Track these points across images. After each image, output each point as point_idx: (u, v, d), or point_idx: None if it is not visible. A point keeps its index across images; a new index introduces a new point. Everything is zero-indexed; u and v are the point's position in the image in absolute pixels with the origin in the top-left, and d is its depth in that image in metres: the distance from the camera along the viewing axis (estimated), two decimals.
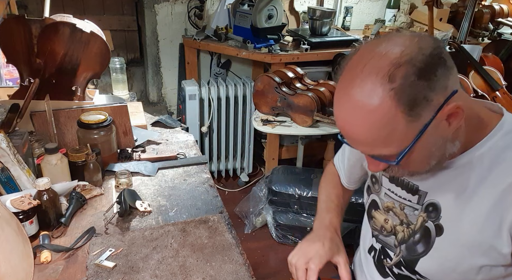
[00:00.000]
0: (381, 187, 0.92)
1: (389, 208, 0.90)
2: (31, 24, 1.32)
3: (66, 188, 1.13)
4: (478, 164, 0.74)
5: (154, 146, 1.51)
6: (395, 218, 0.88)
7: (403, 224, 0.87)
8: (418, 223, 0.83)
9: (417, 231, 0.83)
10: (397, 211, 0.88)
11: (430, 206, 0.80)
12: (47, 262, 0.93)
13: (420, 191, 0.82)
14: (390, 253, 0.91)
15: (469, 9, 2.52)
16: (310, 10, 2.59)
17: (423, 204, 0.82)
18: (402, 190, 0.86)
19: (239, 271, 0.93)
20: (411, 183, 0.84)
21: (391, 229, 0.89)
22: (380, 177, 0.92)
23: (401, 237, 0.87)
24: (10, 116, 1.15)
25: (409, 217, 0.85)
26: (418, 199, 0.83)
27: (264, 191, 2.40)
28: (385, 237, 0.92)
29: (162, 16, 2.66)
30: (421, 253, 0.83)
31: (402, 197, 0.86)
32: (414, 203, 0.84)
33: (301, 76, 2.23)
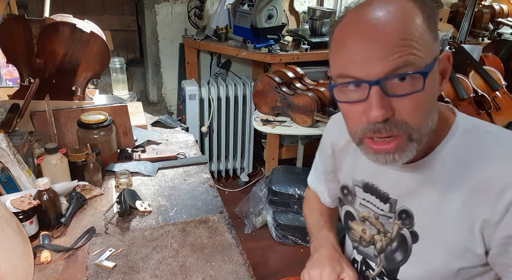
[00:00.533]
0: (355, 197, 0.89)
1: (365, 217, 0.87)
2: (31, 24, 1.33)
3: (66, 188, 1.13)
4: (441, 167, 0.72)
5: (154, 145, 1.51)
6: (372, 227, 0.86)
7: (380, 233, 0.85)
8: (394, 230, 0.81)
9: (394, 239, 0.82)
10: (372, 220, 0.86)
11: (403, 213, 0.79)
12: (47, 262, 0.93)
13: (390, 198, 0.80)
14: (372, 264, 0.89)
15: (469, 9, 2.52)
16: (310, 10, 2.59)
17: (395, 212, 0.80)
18: (376, 199, 0.84)
19: (239, 271, 0.93)
20: (382, 191, 0.82)
21: (370, 239, 0.87)
22: (353, 187, 0.89)
23: (379, 246, 0.85)
24: (10, 116, 1.15)
25: (385, 225, 0.83)
26: (390, 207, 0.81)
27: (264, 191, 2.40)
28: (364, 248, 0.90)
29: (162, 16, 2.66)
30: (400, 261, 0.81)
31: (376, 206, 0.84)
32: (387, 212, 0.82)
33: (301, 76, 2.23)
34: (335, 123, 0.94)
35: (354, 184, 0.88)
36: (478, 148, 0.70)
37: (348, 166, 0.89)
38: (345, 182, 0.91)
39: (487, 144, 0.70)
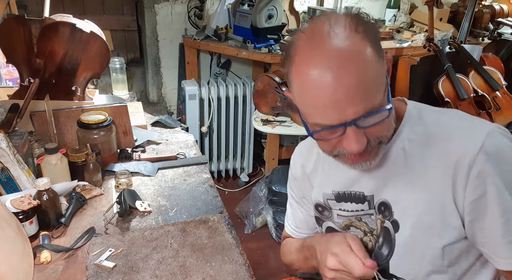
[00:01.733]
0: (331, 210, 0.90)
1: (347, 225, 0.88)
2: (31, 24, 1.33)
3: (66, 188, 1.13)
4: (400, 153, 0.76)
5: (154, 145, 1.51)
6: (358, 231, 0.87)
7: (367, 234, 0.86)
8: (379, 226, 0.83)
9: (379, 235, 0.83)
10: (356, 224, 0.87)
11: (382, 206, 0.81)
12: (47, 262, 0.93)
13: (367, 196, 0.82)
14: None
15: (469, 9, 2.52)
16: (310, 10, 2.59)
17: (375, 207, 0.82)
18: (351, 204, 0.85)
19: (239, 271, 0.93)
20: (356, 193, 0.84)
21: None
22: (325, 202, 0.90)
23: (370, 247, 0.86)
24: (10, 116, 1.15)
25: (369, 224, 0.85)
26: (369, 204, 0.83)
27: (264, 191, 2.40)
28: None
29: (162, 16, 2.66)
30: (387, 256, 0.82)
31: (355, 210, 0.85)
32: (367, 209, 0.83)
33: None
34: (302, 149, 0.97)
35: (326, 198, 0.90)
36: (432, 128, 0.75)
37: (319, 183, 0.91)
38: (317, 200, 0.92)
39: (440, 123, 0.75)
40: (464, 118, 0.77)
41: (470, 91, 2.29)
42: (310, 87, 0.66)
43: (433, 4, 2.39)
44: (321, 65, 0.64)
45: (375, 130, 0.69)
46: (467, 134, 0.72)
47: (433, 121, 0.76)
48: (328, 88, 0.64)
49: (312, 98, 0.66)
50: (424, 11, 2.83)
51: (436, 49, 2.33)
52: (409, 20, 3.10)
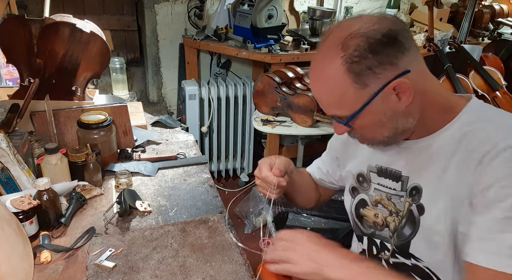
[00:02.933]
0: (370, 183, 0.95)
1: (377, 201, 0.94)
2: (31, 24, 1.32)
3: (66, 188, 1.13)
4: (449, 143, 0.80)
5: (154, 146, 1.51)
6: (384, 210, 0.92)
7: (392, 214, 0.90)
8: (405, 208, 0.87)
9: (404, 217, 0.87)
10: (385, 202, 0.91)
11: (414, 190, 0.85)
12: (47, 262, 0.93)
13: (402, 176, 0.87)
14: (388, 245, 0.93)
15: (469, 9, 2.52)
16: (310, 10, 2.59)
17: (407, 190, 0.86)
18: (389, 180, 0.90)
19: (239, 271, 0.93)
20: (394, 171, 0.89)
21: (383, 222, 0.92)
22: (368, 174, 0.95)
23: (393, 226, 0.90)
24: (10, 116, 1.15)
25: (397, 205, 0.89)
26: (402, 185, 0.87)
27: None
28: (381, 232, 0.94)
29: (162, 16, 2.66)
30: (410, 235, 0.86)
31: (389, 187, 0.90)
32: (399, 190, 0.88)
33: (301, 76, 2.23)
34: None
35: (369, 170, 0.95)
36: (472, 132, 0.78)
37: (366, 154, 0.96)
38: (360, 170, 0.97)
39: (481, 130, 0.77)
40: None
41: (470, 91, 2.29)
42: None
43: (433, 4, 2.40)
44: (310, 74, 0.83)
45: (355, 130, 0.82)
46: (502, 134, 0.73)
47: (476, 127, 0.78)
48: (312, 88, 0.83)
49: None
50: (424, 11, 2.83)
51: (436, 49, 2.33)
52: (409, 20, 3.10)
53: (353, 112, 0.77)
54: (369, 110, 0.76)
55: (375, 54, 0.72)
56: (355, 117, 0.78)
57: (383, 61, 0.72)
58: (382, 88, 0.74)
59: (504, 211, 0.68)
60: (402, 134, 0.83)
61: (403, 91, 0.75)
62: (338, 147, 1.08)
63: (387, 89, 0.74)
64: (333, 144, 1.12)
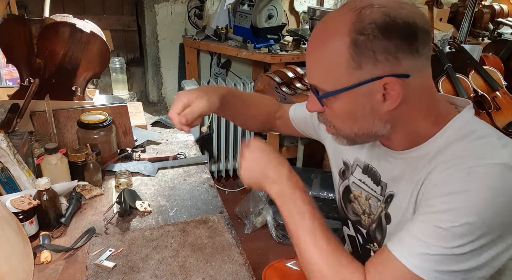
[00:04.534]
0: (351, 175, 0.93)
1: (355, 196, 0.93)
2: (31, 24, 1.33)
3: (66, 188, 1.13)
4: (427, 157, 0.75)
5: (154, 146, 1.51)
6: (358, 207, 0.92)
7: (365, 214, 0.90)
8: (377, 213, 0.86)
9: (375, 221, 0.87)
10: (361, 201, 0.91)
11: (389, 198, 0.83)
12: (47, 262, 0.93)
13: (381, 181, 0.85)
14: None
15: (469, 9, 2.52)
16: (310, 10, 2.59)
17: (384, 196, 0.85)
18: (370, 181, 0.88)
19: (239, 271, 0.93)
20: (377, 173, 0.86)
21: (358, 213, 0.93)
22: (353, 166, 0.93)
23: (366, 224, 0.91)
24: (10, 116, 1.15)
25: (372, 207, 0.88)
26: (381, 190, 0.85)
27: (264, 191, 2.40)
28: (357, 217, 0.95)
29: (162, 16, 2.66)
30: (380, 240, 0.87)
31: (370, 187, 0.88)
32: (378, 194, 0.86)
33: (301, 76, 2.23)
34: None
35: (356, 164, 0.92)
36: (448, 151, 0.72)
37: (357, 147, 0.92)
38: (347, 159, 0.95)
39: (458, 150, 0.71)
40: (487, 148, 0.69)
41: (470, 91, 2.29)
42: None
43: (433, 4, 2.40)
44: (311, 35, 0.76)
45: (327, 112, 0.77)
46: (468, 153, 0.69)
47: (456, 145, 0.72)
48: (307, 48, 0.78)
49: None
50: (424, 11, 2.83)
51: (436, 49, 2.33)
52: None
53: (334, 89, 0.71)
54: (350, 97, 0.71)
55: (385, 38, 0.64)
56: (333, 97, 0.72)
57: (390, 50, 0.65)
58: (374, 79, 0.67)
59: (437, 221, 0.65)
60: (372, 137, 0.79)
61: (390, 94, 0.69)
62: None
63: (377, 83, 0.68)
64: None
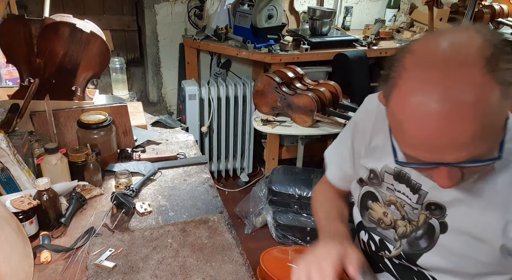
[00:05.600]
0: (382, 182, 0.89)
1: (391, 202, 0.88)
2: (31, 24, 1.33)
3: (66, 188, 1.12)
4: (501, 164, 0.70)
5: (154, 146, 1.51)
6: (396, 212, 0.87)
7: (404, 219, 0.86)
8: (421, 220, 0.83)
9: (420, 227, 0.83)
10: (399, 206, 0.87)
11: (432, 205, 0.80)
12: (47, 262, 0.93)
13: (421, 190, 0.81)
14: (389, 246, 0.91)
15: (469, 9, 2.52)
16: (310, 10, 2.59)
17: (422, 204, 0.82)
18: (406, 188, 0.84)
19: (239, 271, 0.93)
20: (414, 182, 0.82)
21: (391, 222, 0.88)
22: (382, 173, 0.88)
23: (402, 231, 0.86)
24: (10, 116, 1.15)
25: (409, 214, 0.85)
26: (418, 198, 0.82)
27: (264, 191, 2.40)
28: (383, 230, 0.91)
29: (162, 16, 2.66)
30: (424, 248, 0.83)
31: (405, 194, 0.84)
32: (414, 202, 0.83)
33: (301, 76, 2.23)
34: (374, 104, 0.87)
35: (384, 170, 0.87)
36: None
37: (384, 153, 0.86)
38: (374, 166, 0.89)
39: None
40: None
41: None
42: (412, 121, 0.59)
43: (433, 4, 2.39)
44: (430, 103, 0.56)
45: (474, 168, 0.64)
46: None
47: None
48: (432, 132, 0.57)
49: (410, 133, 0.60)
50: (424, 11, 2.83)
51: None
52: (409, 20, 3.11)
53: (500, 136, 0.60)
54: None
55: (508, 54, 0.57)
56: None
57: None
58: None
59: None
60: None
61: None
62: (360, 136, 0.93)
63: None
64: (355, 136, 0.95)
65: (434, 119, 0.56)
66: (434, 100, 0.56)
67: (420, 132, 0.58)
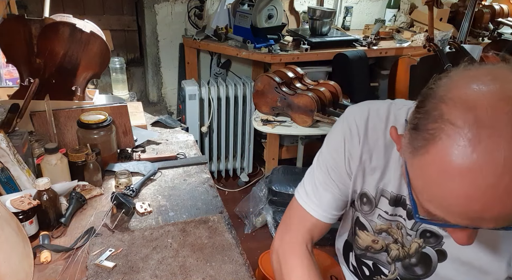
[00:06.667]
0: (375, 208, 0.81)
1: (382, 230, 0.82)
2: (31, 24, 1.33)
3: (66, 188, 1.12)
4: None
5: (154, 146, 1.51)
6: (388, 237, 0.83)
7: (397, 243, 0.82)
8: (413, 248, 0.80)
9: (412, 255, 0.80)
10: (393, 230, 0.81)
11: (428, 232, 0.76)
12: (47, 262, 0.93)
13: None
14: (384, 270, 0.88)
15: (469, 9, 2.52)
16: (310, 10, 2.59)
17: (417, 231, 0.78)
18: (403, 210, 0.78)
19: (239, 271, 0.93)
20: (409, 207, 0.76)
21: (382, 247, 0.85)
22: (377, 197, 0.80)
23: (395, 254, 0.83)
24: (10, 116, 1.15)
25: (404, 238, 0.81)
26: (413, 224, 0.78)
27: (264, 191, 2.40)
28: (374, 254, 0.87)
29: (162, 16, 2.66)
30: (421, 275, 0.80)
31: (401, 216, 0.79)
32: (408, 228, 0.79)
33: (301, 76, 2.23)
34: (373, 121, 0.76)
35: (380, 194, 0.79)
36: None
37: (375, 172, 0.78)
38: (367, 190, 0.80)
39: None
40: None
41: None
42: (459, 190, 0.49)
43: (433, 4, 2.39)
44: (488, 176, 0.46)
45: None
46: None
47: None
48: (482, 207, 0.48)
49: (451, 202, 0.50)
50: (424, 11, 2.83)
51: (436, 49, 2.33)
52: (409, 20, 3.11)
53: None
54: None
55: None
56: None
57: None
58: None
59: None
60: None
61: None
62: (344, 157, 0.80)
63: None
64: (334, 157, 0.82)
65: (489, 194, 0.47)
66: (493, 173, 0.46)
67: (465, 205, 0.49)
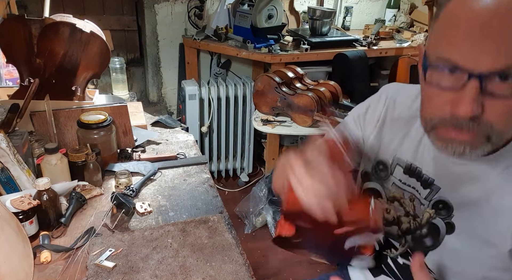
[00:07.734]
0: (390, 176, 0.83)
1: (395, 198, 0.84)
2: (31, 24, 1.33)
3: (66, 188, 1.13)
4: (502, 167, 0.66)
5: (154, 146, 1.51)
6: (400, 208, 0.84)
7: (409, 216, 0.82)
8: (424, 218, 0.80)
9: (423, 226, 0.81)
10: (405, 202, 0.83)
11: (440, 203, 0.76)
12: (47, 262, 0.93)
13: (433, 185, 0.76)
14: (395, 243, 0.88)
15: None
16: (310, 10, 2.59)
17: (431, 200, 0.78)
18: (417, 182, 0.80)
19: (239, 271, 0.93)
20: (426, 176, 0.78)
21: (393, 219, 0.86)
22: (393, 165, 0.83)
23: (405, 227, 0.84)
24: (10, 116, 1.15)
25: (416, 210, 0.82)
26: (428, 193, 0.78)
27: (264, 191, 2.40)
28: (385, 227, 0.88)
29: (162, 16, 2.66)
30: (429, 247, 0.81)
31: (415, 189, 0.81)
32: (422, 198, 0.79)
33: (301, 76, 2.23)
34: (408, 93, 0.84)
35: (396, 163, 0.83)
36: None
37: (393, 141, 0.83)
38: (384, 158, 0.84)
39: None
40: None
41: None
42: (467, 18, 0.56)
43: (433, 4, 2.39)
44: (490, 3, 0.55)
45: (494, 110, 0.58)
46: None
47: None
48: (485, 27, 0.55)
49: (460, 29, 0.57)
50: (424, 11, 2.83)
51: None
52: (409, 20, 3.10)
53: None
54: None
55: None
56: None
57: None
58: None
59: None
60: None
61: None
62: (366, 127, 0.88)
63: None
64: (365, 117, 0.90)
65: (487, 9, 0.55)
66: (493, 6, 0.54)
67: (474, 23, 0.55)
